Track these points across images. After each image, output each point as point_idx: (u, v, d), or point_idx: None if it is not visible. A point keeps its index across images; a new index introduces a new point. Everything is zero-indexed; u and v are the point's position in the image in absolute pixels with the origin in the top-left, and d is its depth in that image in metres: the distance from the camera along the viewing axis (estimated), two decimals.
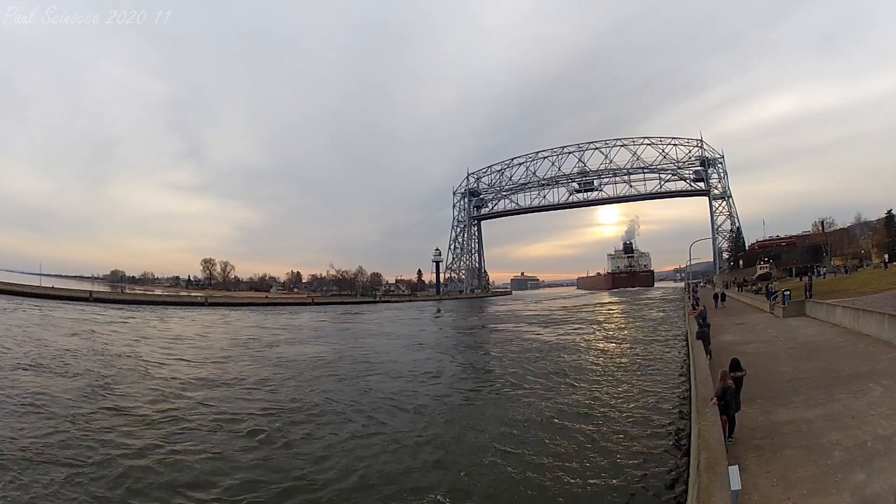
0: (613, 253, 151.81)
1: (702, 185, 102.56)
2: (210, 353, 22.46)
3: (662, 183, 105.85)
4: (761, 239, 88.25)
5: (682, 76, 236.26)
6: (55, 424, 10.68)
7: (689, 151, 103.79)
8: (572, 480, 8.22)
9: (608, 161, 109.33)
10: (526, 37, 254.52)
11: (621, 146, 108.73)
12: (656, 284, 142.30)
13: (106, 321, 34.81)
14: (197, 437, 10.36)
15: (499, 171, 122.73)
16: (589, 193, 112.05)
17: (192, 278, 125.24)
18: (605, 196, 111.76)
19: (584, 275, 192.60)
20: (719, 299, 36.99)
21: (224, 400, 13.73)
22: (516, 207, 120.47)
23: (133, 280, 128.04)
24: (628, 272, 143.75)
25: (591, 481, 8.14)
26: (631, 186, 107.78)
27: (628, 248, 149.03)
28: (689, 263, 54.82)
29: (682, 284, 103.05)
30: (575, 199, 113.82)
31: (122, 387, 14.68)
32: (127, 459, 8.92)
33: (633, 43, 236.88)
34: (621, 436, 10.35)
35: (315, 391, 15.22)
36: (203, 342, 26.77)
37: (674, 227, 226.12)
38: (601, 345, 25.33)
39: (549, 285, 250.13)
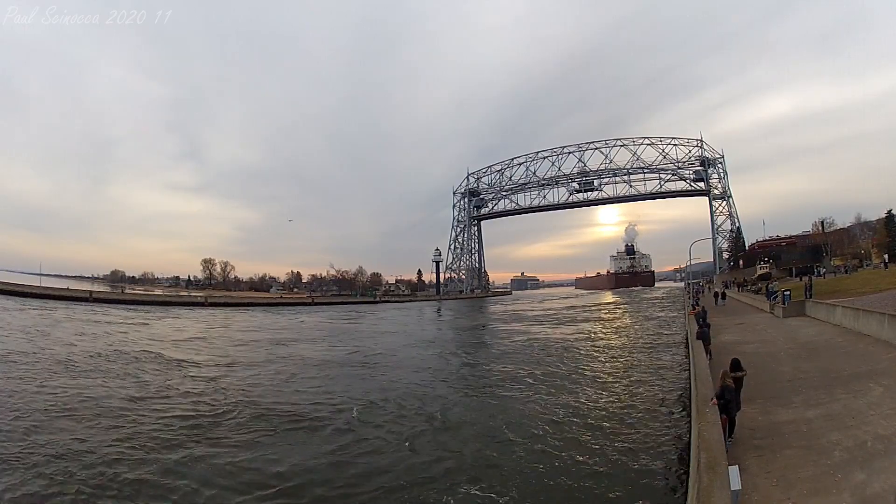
0: (616, 254, 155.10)
1: (702, 185, 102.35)
2: (223, 353, 22.60)
3: (662, 183, 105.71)
4: (761, 239, 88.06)
5: (682, 76, 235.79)
6: (102, 426, 10.88)
7: (689, 151, 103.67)
8: (572, 479, 8.24)
9: (608, 161, 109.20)
10: (525, 37, 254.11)
11: (621, 146, 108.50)
12: (657, 284, 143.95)
13: (110, 321, 34.84)
14: (241, 434, 10.72)
15: (499, 171, 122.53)
16: (589, 193, 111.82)
17: (192, 278, 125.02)
18: (605, 196, 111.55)
19: (583, 275, 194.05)
20: (719, 297, 38.36)
21: (256, 396, 14.03)
22: (516, 207, 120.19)
23: (133, 280, 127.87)
24: (630, 272, 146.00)
25: (591, 480, 8.16)
26: (631, 186, 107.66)
27: (630, 250, 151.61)
28: (689, 263, 54.92)
29: (682, 284, 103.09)
30: (575, 199, 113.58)
31: (155, 385, 14.91)
32: (181, 455, 9.28)
33: (632, 42, 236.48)
34: (621, 435, 10.37)
35: (338, 387, 15.64)
36: (212, 342, 26.87)
37: (674, 227, 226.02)
38: (603, 344, 25.37)
39: (549, 285, 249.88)
